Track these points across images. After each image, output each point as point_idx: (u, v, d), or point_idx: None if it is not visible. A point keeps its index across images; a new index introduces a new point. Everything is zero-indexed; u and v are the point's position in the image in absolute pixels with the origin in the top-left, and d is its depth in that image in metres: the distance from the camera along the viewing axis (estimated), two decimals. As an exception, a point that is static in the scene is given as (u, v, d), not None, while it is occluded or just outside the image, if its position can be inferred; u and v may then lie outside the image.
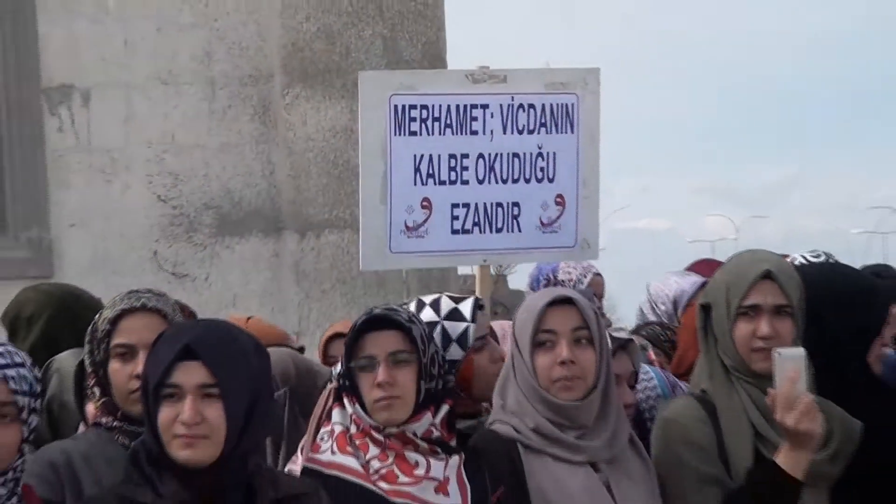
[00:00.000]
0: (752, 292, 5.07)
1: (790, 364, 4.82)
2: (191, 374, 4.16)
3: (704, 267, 7.44)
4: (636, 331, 7.05)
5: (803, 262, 6.87)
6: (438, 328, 5.16)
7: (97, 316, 5.06)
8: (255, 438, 4.35)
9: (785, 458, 4.84)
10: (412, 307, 5.21)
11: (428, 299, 5.32)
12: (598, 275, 8.26)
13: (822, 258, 6.99)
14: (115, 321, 4.86)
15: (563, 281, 7.50)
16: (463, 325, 5.26)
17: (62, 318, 5.36)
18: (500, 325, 5.82)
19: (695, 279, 7.25)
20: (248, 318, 6.29)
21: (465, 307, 5.35)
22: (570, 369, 4.86)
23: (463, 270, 12.54)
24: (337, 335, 6.49)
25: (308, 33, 11.28)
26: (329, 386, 5.02)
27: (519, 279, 10.30)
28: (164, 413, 4.20)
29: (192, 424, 4.11)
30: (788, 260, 6.69)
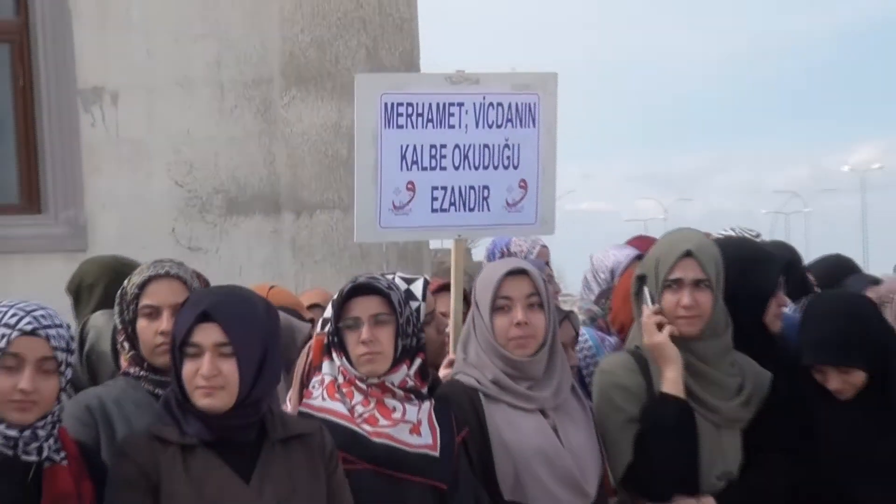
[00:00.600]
0: (675, 268, 5.09)
1: (646, 308, 5.03)
2: (208, 335, 4.23)
3: (639, 242, 7.40)
4: (597, 300, 7.03)
5: (731, 234, 6.89)
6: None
7: (126, 281, 5.06)
8: (266, 387, 4.37)
9: (665, 385, 4.96)
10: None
11: (391, 275, 5.36)
12: (545, 246, 8.22)
13: (753, 233, 7.00)
14: (142, 286, 4.88)
15: (515, 252, 7.47)
16: (416, 303, 5.29)
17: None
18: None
19: (629, 251, 7.20)
20: (271, 288, 6.29)
21: (417, 288, 5.43)
22: (523, 329, 4.90)
23: (434, 244, 12.59)
24: (313, 305, 6.57)
25: (303, 43, 11.25)
26: (308, 343, 5.11)
27: (481, 252, 10.09)
28: (187, 368, 4.27)
29: (210, 377, 4.18)
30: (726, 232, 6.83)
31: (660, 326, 5.01)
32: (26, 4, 10.77)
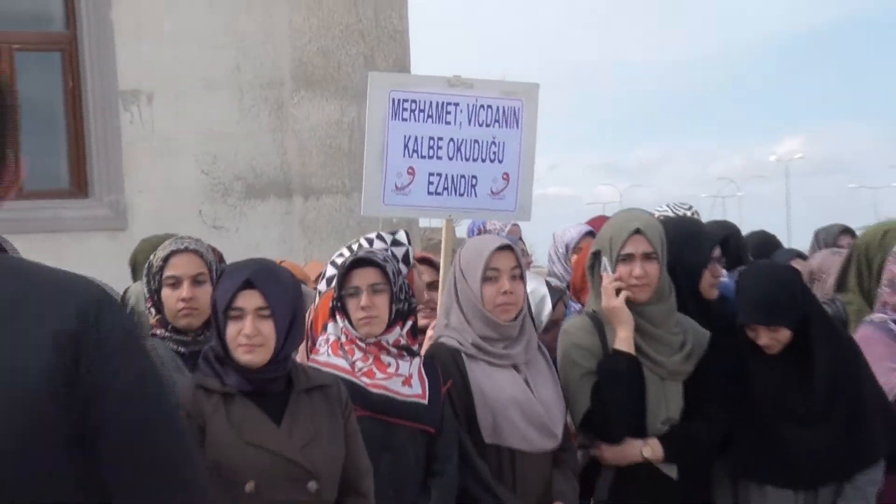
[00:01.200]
0: (627, 244, 5.10)
1: (606, 276, 5.04)
2: (250, 300, 4.28)
3: (595, 222, 7.34)
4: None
5: (667, 210, 6.86)
6: (389, 252, 5.16)
7: (151, 256, 5.13)
8: (294, 345, 4.47)
9: (618, 343, 4.98)
10: (365, 241, 5.29)
11: (373, 234, 5.39)
12: (516, 224, 8.06)
13: (689, 210, 6.94)
14: (166, 259, 4.95)
15: (490, 229, 7.39)
16: (404, 248, 5.34)
17: None
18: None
19: (581, 229, 7.23)
20: (281, 262, 6.27)
21: (402, 237, 5.41)
22: (509, 297, 4.92)
23: (423, 223, 12.55)
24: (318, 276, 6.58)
25: (310, 52, 11.21)
26: (311, 307, 5.12)
27: (462, 230, 9.94)
28: (231, 328, 4.31)
29: (252, 336, 4.23)
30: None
31: (617, 292, 5.02)
32: (74, 19, 10.76)
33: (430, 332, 5.40)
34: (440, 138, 6.04)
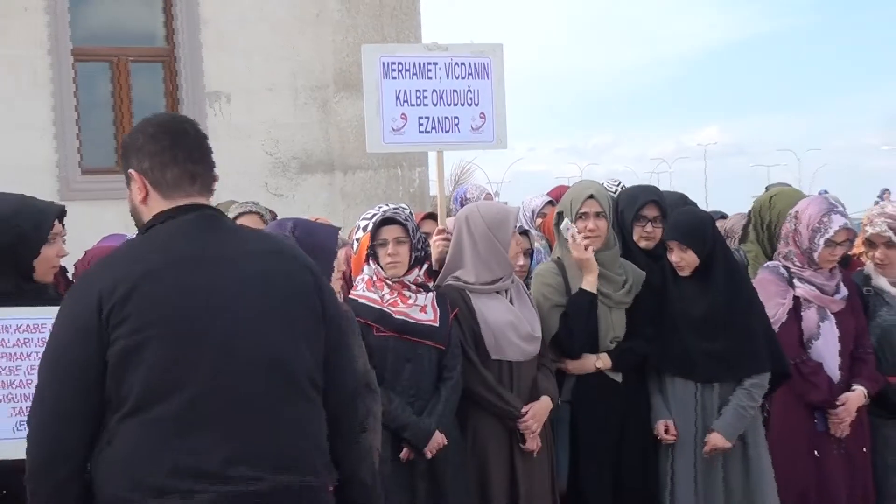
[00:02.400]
0: (583, 205, 5.03)
1: (573, 230, 4.98)
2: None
3: (556, 192, 7.20)
4: None
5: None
6: (409, 212, 5.17)
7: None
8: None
9: (584, 284, 4.93)
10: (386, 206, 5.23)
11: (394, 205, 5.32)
12: (489, 194, 7.89)
13: (619, 186, 6.83)
14: (235, 218, 4.94)
15: (470, 198, 7.09)
16: (407, 210, 5.30)
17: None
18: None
19: (543, 199, 7.08)
20: (316, 219, 6.21)
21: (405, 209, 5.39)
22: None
23: (434, 192, 12.51)
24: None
25: (348, 63, 11.18)
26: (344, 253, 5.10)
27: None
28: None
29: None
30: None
31: (587, 247, 4.97)
32: (173, 37, 10.78)
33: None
34: (425, 90, 5.84)
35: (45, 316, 3.58)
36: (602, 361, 5.00)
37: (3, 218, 3.80)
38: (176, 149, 2.95)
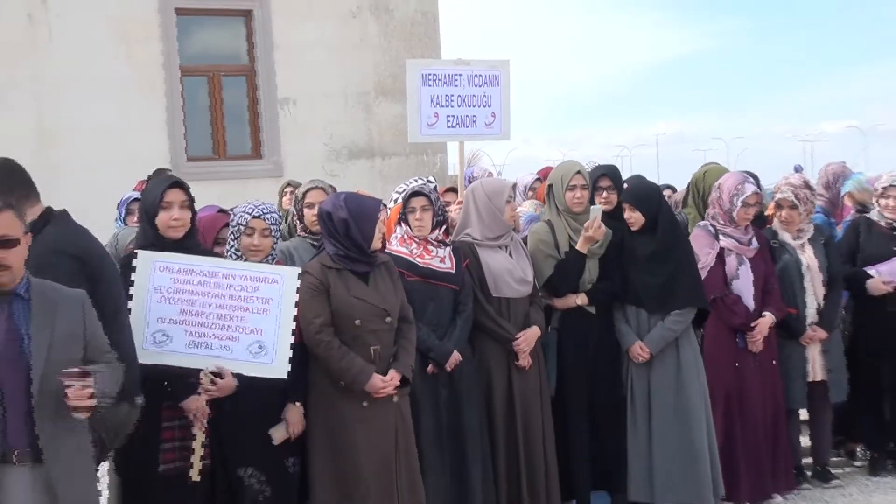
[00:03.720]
0: (572, 179, 4.94)
1: (594, 213, 4.82)
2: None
3: (543, 171, 7.07)
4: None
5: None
6: (432, 186, 5.02)
7: (297, 191, 4.96)
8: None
9: (579, 246, 4.83)
10: (415, 181, 5.05)
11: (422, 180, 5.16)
12: (490, 173, 7.79)
13: (593, 162, 6.57)
14: (305, 193, 4.79)
15: (476, 176, 6.75)
16: (433, 184, 5.22)
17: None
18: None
19: (534, 176, 6.94)
20: (358, 191, 6.05)
21: (433, 181, 5.31)
22: (515, 213, 5.06)
23: (453, 172, 12.51)
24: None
25: (384, 75, 11.15)
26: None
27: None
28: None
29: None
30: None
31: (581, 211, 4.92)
32: (253, 57, 10.76)
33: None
34: (451, 95, 5.82)
35: (207, 264, 3.71)
36: (581, 298, 4.93)
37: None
38: None
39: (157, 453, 3.66)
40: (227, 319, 3.64)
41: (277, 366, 3.62)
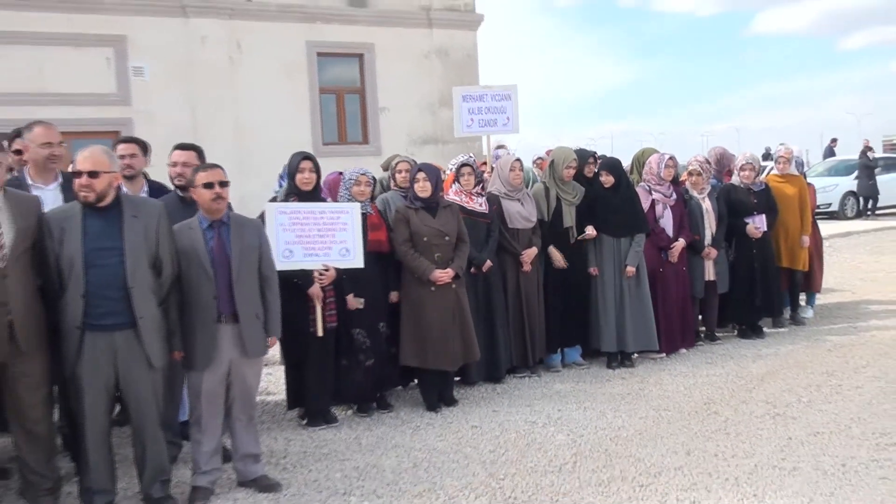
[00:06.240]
0: (570, 162, 4.65)
1: (591, 231, 4.56)
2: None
3: (549, 152, 6.54)
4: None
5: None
6: (472, 158, 4.59)
7: (391, 162, 4.68)
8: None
9: (565, 223, 4.56)
10: (462, 156, 4.62)
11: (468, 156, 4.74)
12: (508, 153, 6.68)
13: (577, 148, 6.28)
14: (396, 164, 4.48)
15: (497, 155, 6.10)
16: (471, 158, 4.65)
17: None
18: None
19: (541, 154, 6.45)
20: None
21: (470, 159, 4.75)
22: (517, 177, 4.56)
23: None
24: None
25: (443, 92, 10.71)
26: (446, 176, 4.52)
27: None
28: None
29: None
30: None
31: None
32: (363, 81, 10.40)
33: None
34: (481, 106, 5.60)
35: (306, 206, 3.57)
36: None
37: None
38: None
39: (306, 320, 3.63)
40: (324, 236, 3.57)
41: (357, 261, 3.58)
